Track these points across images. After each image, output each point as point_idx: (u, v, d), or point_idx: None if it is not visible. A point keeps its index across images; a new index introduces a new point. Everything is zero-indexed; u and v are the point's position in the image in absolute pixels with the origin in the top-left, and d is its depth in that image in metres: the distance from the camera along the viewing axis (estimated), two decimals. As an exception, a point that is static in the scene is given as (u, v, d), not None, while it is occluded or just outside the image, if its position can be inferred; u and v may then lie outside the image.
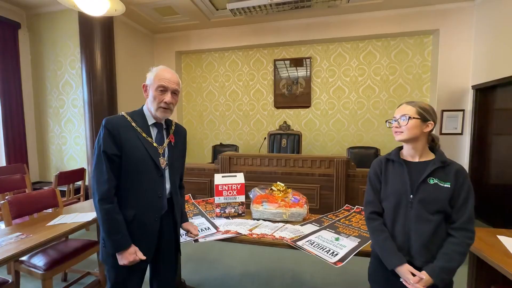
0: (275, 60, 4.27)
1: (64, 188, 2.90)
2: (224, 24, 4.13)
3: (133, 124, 1.12)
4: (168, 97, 1.12)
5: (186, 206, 1.99)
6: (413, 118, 1.01)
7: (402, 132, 1.03)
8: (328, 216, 1.78)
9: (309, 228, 1.57)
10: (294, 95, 4.26)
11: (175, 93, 1.16)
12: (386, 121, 1.15)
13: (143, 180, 1.11)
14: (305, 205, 1.72)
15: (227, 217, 1.75)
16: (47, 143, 3.71)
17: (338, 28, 3.86)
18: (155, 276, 1.28)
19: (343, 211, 1.89)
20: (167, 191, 1.22)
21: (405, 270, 0.97)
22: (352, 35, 3.83)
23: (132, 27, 4.00)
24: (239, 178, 1.81)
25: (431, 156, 1.05)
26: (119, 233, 1.05)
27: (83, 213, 1.85)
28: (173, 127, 1.28)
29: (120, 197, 1.09)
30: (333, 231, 1.51)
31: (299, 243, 1.36)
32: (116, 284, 1.13)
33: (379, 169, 1.10)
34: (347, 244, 1.35)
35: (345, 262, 1.20)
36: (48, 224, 1.66)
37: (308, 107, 4.24)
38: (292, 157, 2.63)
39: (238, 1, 3.31)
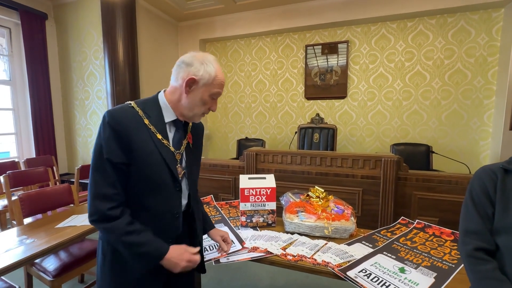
0: (306, 46, 3.85)
1: (87, 181, 2.82)
2: (251, 7, 3.78)
3: (146, 121, 0.83)
4: (215, 106, 0.92)
5: (207, 210, 1.74)
6: None
7: None
8: (381, 233, 1.41)
9: (359, 249, 1.22)
10: (327, 85, 3.81)
11: None
12: None
13: (156, 196, 0.84)
14: (352, 218, 1.37)
15: (254, 227, 1.46)
16: (74, 135, 3.71)
17: (381, 5, 3.32)
18: None
19: (399, 225, 1.50)
20: (183, 206, 0.94)
21: None
22: (399, 12, 3.28)
23: (155, 14, 3.82)
24: (269, 180, 1.50)
25: None
26: (147, 242, 0.81)
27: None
28: (190, 124, 0.99)
29: None
30: (394, 257, 1.15)
31: (350, 273, 1.02)
32: None
33: (492, 184, 0.72)
34: (419, 279, 0.98)
35: (423, 312, 0.84)
36: (57, 226, 1.50)
37: (343, 97, 3.78)
38: (328, 155, 2.26)
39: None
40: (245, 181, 1.49)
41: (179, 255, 0.84)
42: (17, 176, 2.34)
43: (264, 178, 1.52)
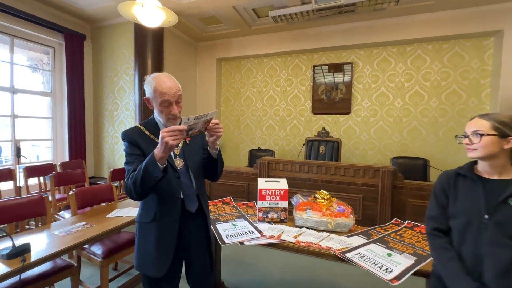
0: (314, 66, 4.22)
1: (116, 184, 3.16)
2: (264, 31, 4.21)
3: (146, 132, 1.19)
4: (174, 110, 1.14)
5: (228, 208, 2.04)
6: (488, 135, 0.91)
7: (476, 149, 0.94)
8: (376, 229, 1.68)
9: (356, 240, 1.50)
10: (333, 101, 4.15)
11: (178, 101, 1.16)
12: (455, 136, 1.05)
13: (161, 183, 1.09)
14: (351, 216, 1.65)
15: (269, 222, 1.75)
16: (101, 142, 4.10)
17: (383, 32, 3.69)
18: (189, 276, 1.32)
19: (391, 225, 1.77)
20: (194, 189, 1.24)
21: None
22: (398, 38, 3.64)
23: (178, 36, 4.27)
24: (283, 183, 1.80)
25: None
26: (145, 166, 1.01)
27: (136, 208, 1.99)
28: None
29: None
30: (384, 246, 1.42)
31: (348, 255, 1.30)
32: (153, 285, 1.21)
33: (447, 183, 1.02)
34: (402, 261, 1.26)
35: (402, 280, 1.12)
36: (107, 216, 1.82)
37: (347, 113, 4.09)
38: (333, 165, 2.56)
39: (281, 8, 3.36)
40: (262, 183, 1.80)
41: (160, 139, 0.98)
42: (60, 176, 2.70)
43: (278, 181, 1.83)
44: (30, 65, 3.72)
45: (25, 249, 1.25)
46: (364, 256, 1.30)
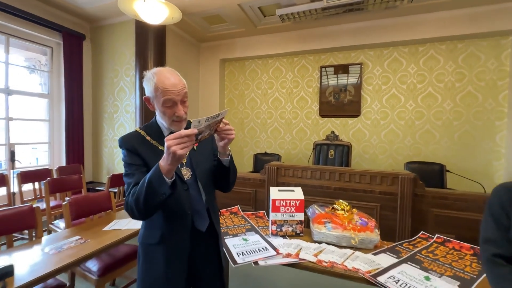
0: (321, 67, 4.07)
1: (115, 190, 3.00)
2: (270, 31, 4.06)
3: (148, 138, 1.02)
4: (179, 111, 0.97)
5: (236, 219, 1.87)
6: None
7: None
8: (404, 245, 1.51)
9: (385, 259, 1.32)
10: (341, 103, 3.99)
11: (184, 100, 0.99)
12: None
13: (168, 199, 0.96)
14: (376, 230, 1.48)
15: (283, 236, 1.58)
16: (100, 146, 3.94)
17: (394, 31, 3.54)
18: None
19: (419, 239, 1.60)
20: (204, 203, 1.06)
21: None
22: (410, 38, 3.48)
23: (181, 36, 4.13)
24: (298, 193, 1.63)
25: None
26: (149, 181, 0.84)
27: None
28: None
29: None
30: (418, 267, 1.25)
31: (381, 279, 1.13)
32: None
33: (509, 199, 0.85)
34: (443, 286, 1.09)
35: (451, 313, 0.94)
36: (104, 229, 1.65)
37: (357, 116, 3.93)
38: (347, 171, 2.39)
39: (288, 6, 3.21)
40: (275, 193, 1.63)
41: (166, 149, 0.81)
42: (56, 182, 2.53)
43: (293, 190, 1.66)
44: (28, 66, 3.57)
45: (7, 273, 1.08)
46: (399, 281, 1.12)
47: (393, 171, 2.29)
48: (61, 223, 2.34)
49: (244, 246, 1.43)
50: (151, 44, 3.37)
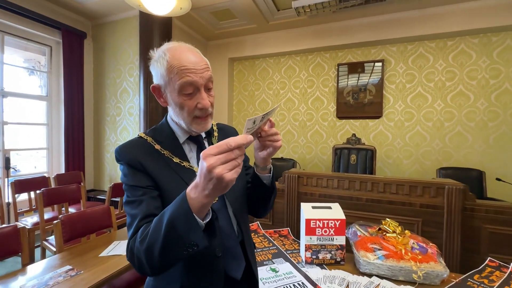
0: (338, 65, 3.77)
1: (118, 199, 2.73)
2: (282, 27, 3.79)
3: (157, 146, 0.72)
4: (204, 99, 0.68)
5: (257, 240, 1.57)
6: None
7: None
8: (475, 278, 1.19)
9: (461, 301, 1.02)
10: (361, 104, 3.68)
11: (209, 86, 0.71)
12: None
13: None
14: (441, 259, 1.17)
15: (320, 265, 1.28)
16: (102, 151, 3.68)
17: (419, 24, 3.24)
18: None
19: (490, 269, 1.28)
20: (237, 235, 0.75)
21: None
22: (437, 32, 3.18)
23: (187, 33, 3.88)
24: (336, 211, 1.34)
25: None
26: (169, 220, 0.52)
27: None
28: (216, 134, 0.84)
29: None
30: (513, 316, 0.94)
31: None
32: None
33: None
34: None
35: None
36: (101, 255, 1.37)
37: (378, 117, 3.62)
38: (381, 180, 2.08)
39: (306, -3, 2.94)
40: (309, 211, 1.33)
41: (202, 172, 0.48)
42: (50, 193, 2.27)
43: (330, 208, 1.36)
44: (27, 67, 3.34)
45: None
46: None
47: (438, 180, 1.97)
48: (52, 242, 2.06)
49: (275, 281, 1.13)
50: (157, 41, 3.11)
